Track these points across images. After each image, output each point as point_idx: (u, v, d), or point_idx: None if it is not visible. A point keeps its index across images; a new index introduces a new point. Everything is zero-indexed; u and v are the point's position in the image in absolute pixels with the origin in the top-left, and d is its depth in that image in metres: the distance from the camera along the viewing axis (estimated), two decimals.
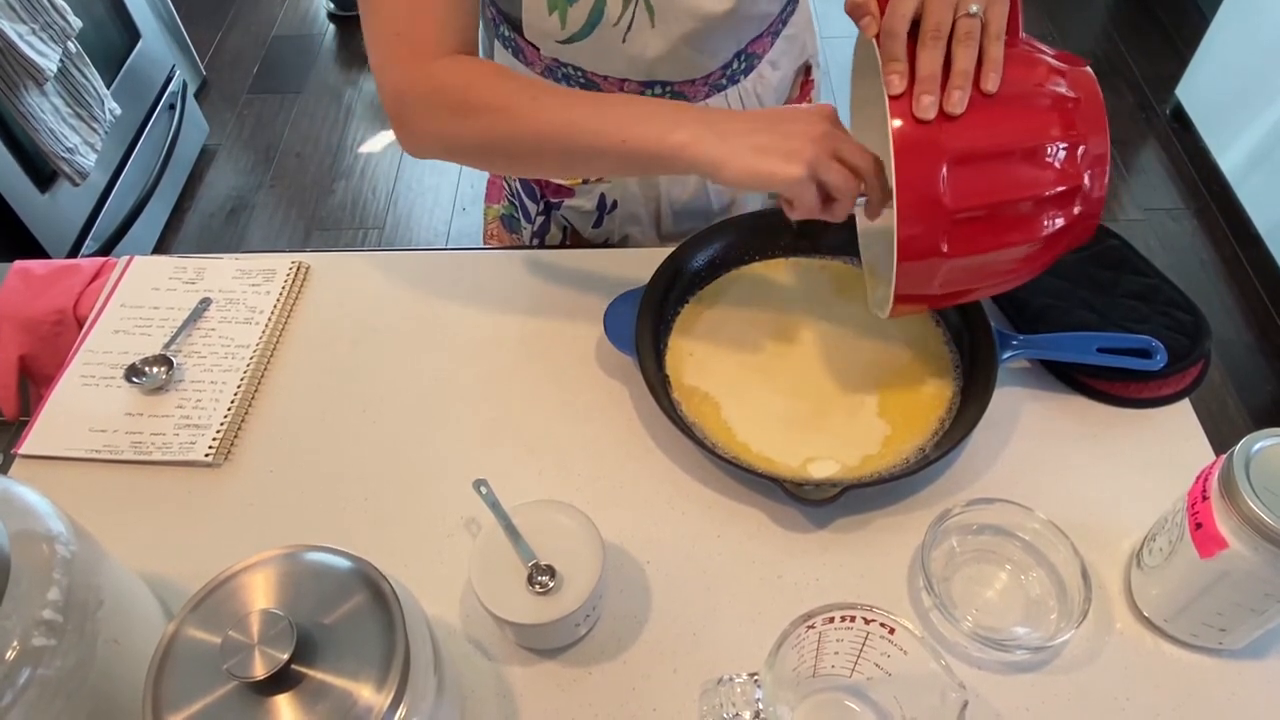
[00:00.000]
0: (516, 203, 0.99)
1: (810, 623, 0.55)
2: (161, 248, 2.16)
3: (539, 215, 0.96)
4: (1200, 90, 2.30)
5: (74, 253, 1.88)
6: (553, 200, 0.92)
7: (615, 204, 0.92)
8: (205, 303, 0.85)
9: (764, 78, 0.87)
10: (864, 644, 0.57)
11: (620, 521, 0.70)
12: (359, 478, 0.74)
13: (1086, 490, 0.72)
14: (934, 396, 0.76)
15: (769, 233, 0.86)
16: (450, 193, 2.26)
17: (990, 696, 0.61)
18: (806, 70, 0.92)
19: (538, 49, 0.80)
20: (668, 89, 0.81)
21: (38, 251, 1.77)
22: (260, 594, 0.50)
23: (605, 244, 0.97)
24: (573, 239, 0.98)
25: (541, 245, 0.99)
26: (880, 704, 0.60)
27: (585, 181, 0.90)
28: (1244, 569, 0.55)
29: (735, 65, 0.83)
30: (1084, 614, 0.61)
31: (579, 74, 0.80)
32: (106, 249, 1.95)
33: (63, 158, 1.77)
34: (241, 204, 2.28)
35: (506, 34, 0.82)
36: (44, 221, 1.79)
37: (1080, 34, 2.71)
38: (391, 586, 0.51)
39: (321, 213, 2.26)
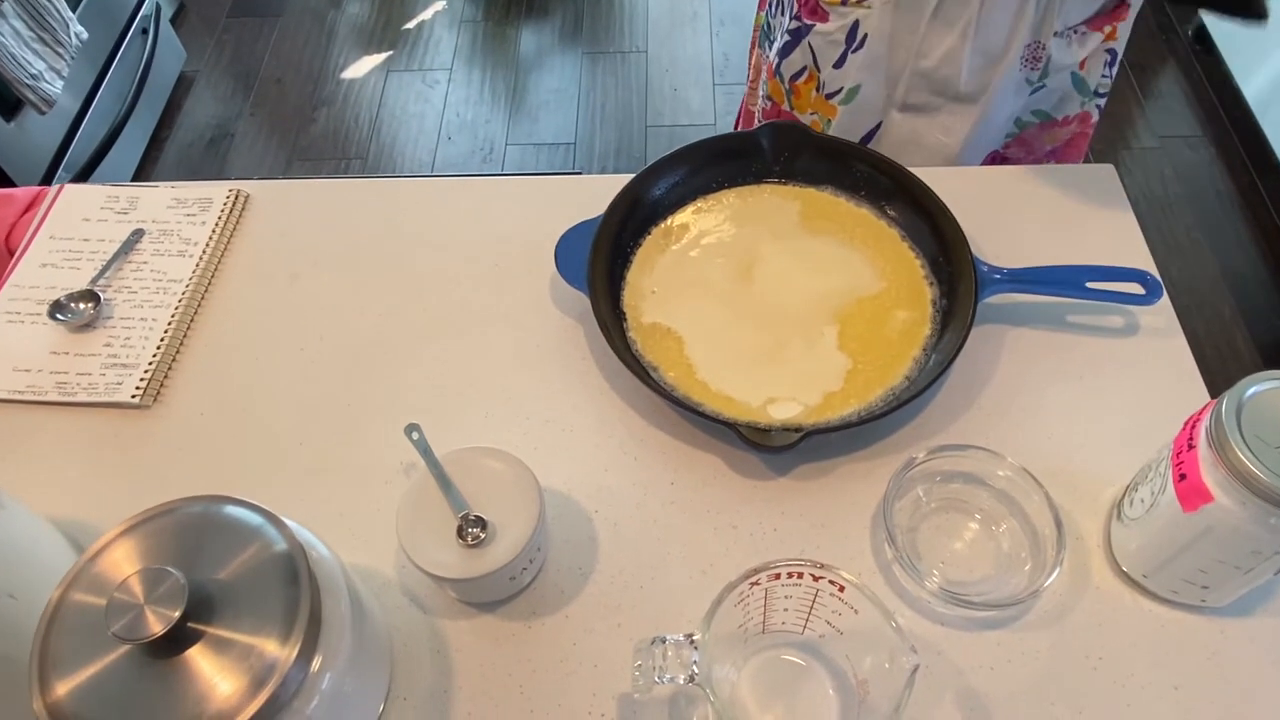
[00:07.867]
0: (773, 13, 0.91)
1: (755, 579, 0.51)
2: (140, 178, 2.09)
3: (785, 35, 0.88)
4: None
5: (46, 182, 1.82)
6: (806, 22, 0.85)
7: (864, 40, 0.82)
8: (137, 234, 0.79)
9: None
10: (814, 601, 0.53)
11: (569, 468, 0.66)
12: (295, 421, 0.70)
13: (1069, 436, 0.67)
14: (906, 333, 0.70)
15: (738, 158, 0.79)
16: (435, 120, 2.17)
17: (953, 654, 0.58)
18: None
19: None
20: None
21: (5, 182, 1.71)
22: (152, 552, 0.47)
23: (836, 93, 0.87)
24: (809, 78, 0.88)
25: (776, 70, 0.91)
26: (833, 661, 0.56)
27: (844, 2, 0.81)
28: (1229, 524, 0.50)
29: None
30: (1055, 565, 0.57)
31: None
32: (82, 178, 1.89)
33: (27, 84, 1.69)
34: (221, 132, 2.21)
35: None
36: (11, 150, 1.73)
37: None
38: (295, 537, 0.48)
39: (303, 142, 2.18)
